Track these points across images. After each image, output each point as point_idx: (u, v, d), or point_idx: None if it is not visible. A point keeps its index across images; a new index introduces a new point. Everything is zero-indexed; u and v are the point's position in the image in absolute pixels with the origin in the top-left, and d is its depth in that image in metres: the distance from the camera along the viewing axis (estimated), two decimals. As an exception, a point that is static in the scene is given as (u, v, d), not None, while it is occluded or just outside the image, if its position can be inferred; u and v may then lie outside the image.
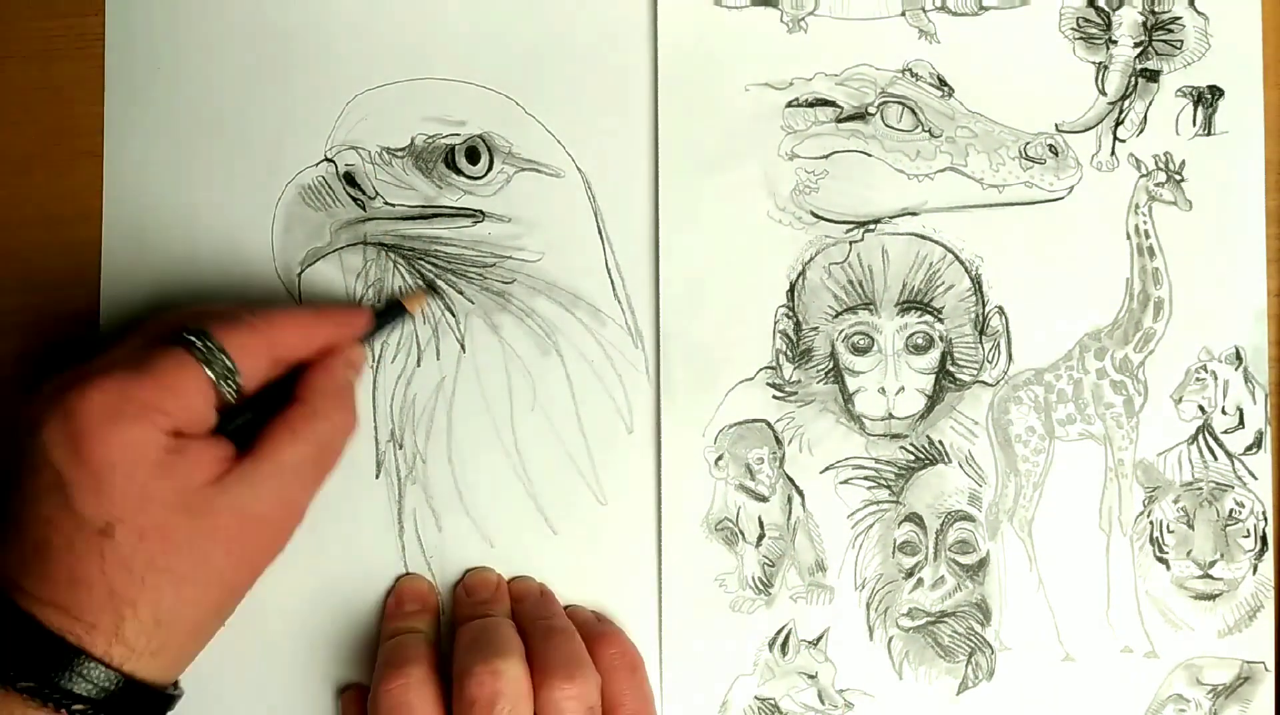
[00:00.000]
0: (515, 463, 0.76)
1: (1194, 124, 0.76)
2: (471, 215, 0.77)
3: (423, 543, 0.76)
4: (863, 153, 0.76)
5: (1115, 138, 0.76)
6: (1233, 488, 0.75)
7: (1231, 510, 0.75)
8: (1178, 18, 0.76)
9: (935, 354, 0.76)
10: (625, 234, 0.77)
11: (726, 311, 0.76)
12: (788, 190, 0.76)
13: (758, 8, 0.77)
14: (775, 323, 0.76)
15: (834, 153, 0.76)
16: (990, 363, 0.76)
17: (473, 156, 0.77)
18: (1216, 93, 0.76)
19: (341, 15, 0.78)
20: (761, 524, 0.76)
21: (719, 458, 0.76)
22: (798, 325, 0.76)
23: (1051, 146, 0.76)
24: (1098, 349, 0.75)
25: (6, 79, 0.79)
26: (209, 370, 0.66)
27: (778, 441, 0.76)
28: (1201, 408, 0.75)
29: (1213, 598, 0.75)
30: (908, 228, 0.76)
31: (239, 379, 0.67)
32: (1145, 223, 0.75)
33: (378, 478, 0.77)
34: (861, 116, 0.77)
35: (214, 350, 0.66)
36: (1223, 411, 0.75)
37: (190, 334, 0.66)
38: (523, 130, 0.77)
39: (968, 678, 0.75)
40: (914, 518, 0.75)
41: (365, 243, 0.77)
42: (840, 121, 0.77)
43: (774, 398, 0.76)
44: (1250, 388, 0.75)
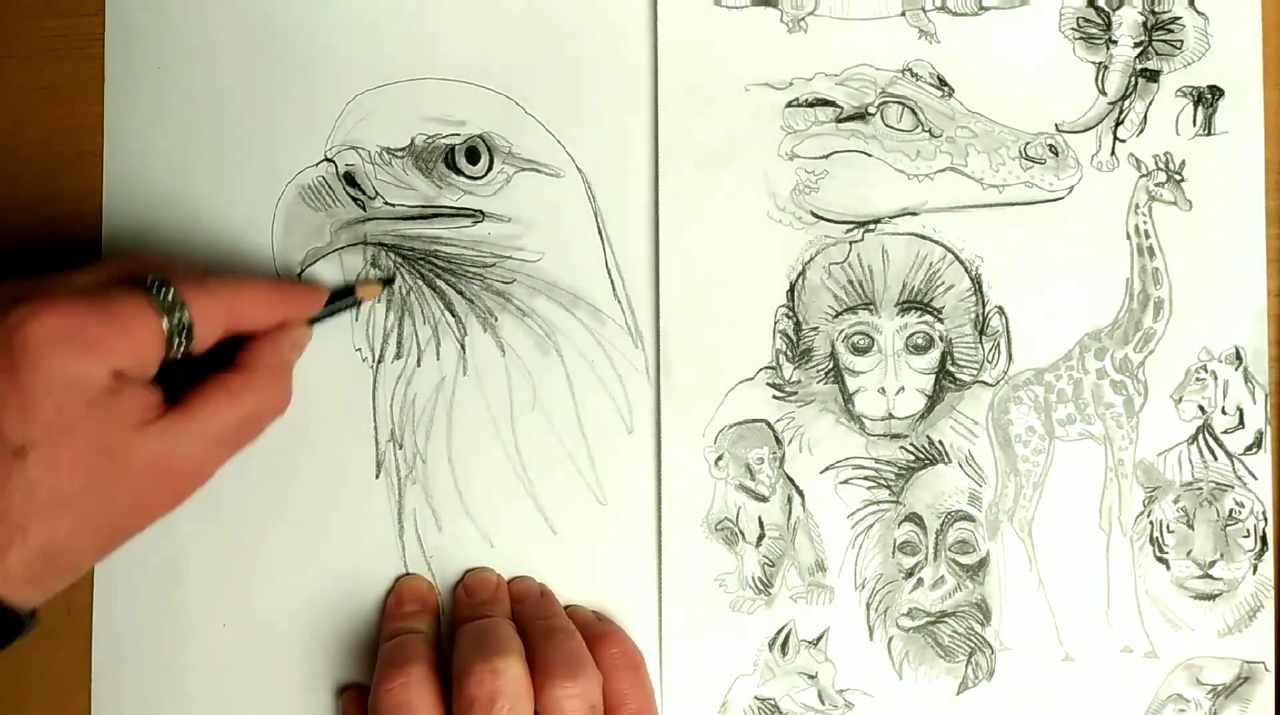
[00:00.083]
0: (515, 463, 0.76)
1: (1194, 124, 0.76)
2: (471, 215, 0.77)
3: (423, 543, 0.76)
4: (863, 153, 0.76)
5: (1115, 138, 0.76)
6: (1233, 488, 0.75)
7: (1231, 510, 0.75)
8: (1178, 18, 0.76)
9: (935, 354, 0.76)
10: (625, 234, 0.77)
11: (726, 311, 0.76)
12: (788, 190, 0.76)
13: (758, 8, 0.77)
14: (775, 323, 0.76)
15: (834, 153, 0.76)
16: (990, 363, 0.76)
17: (473, 156, 0.77)
18: (1216, 93, 0.76)
19: (341, 15, 0.78)
20: (761, 524, 0.76)
21: (719, 458, 0.76)
22: (798, 325, 0.76)
23: (1051, 146, 0.76)
24: (1098, 349, 0.75)
25: (6, 79, 0.79)
26: (166, 321, 0.65)
27: (778, 441, 0.76)
28: (1201, 408, 0.75)
29: (1213, 598, 0.75)
30: (908, 228, 0.76)
31: (192, 338, 0.66)
32: (1145, 223, 0.75)
33: (378, 478, 0.77)
34: (861, 116, 0.77)
35: (176, 305, 0.65)
36: (1223, 411, 0.75)
37: (156, 282, 0.66)
38: (523, 130, 0.77)
39: (968, 678, 0.75)
40: (914, 518, 0.75)
41: (365, 243, 0.77)
42: (840, 121, 0.77)
43: (774, 398, 0.76)
44: (1250, 388, 0.75)
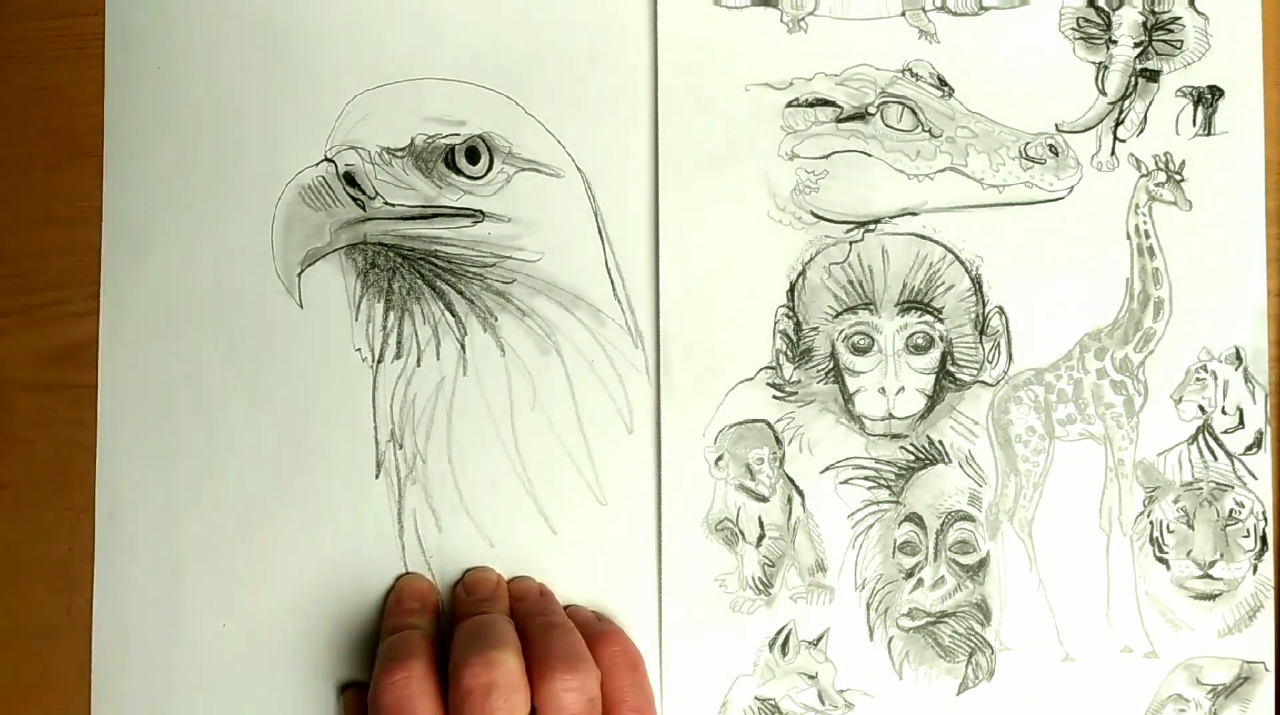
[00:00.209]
0: (515, 463, 0.76)
1: (1194, 124, 0.76)
2: (471, 215, 0.77)
3: (423, 543, 0.76)
4: (863, 153, 0.76)
5: (1115, 138, 0.76)
6: (1233, 488, 0.75)
7: (1231, 510, 0.75)
8: (1178, 18, 0.76)
9: (935, 354, 0.76)
10: (625, 234, 0.77)
11: (726, 311, 0.76)
12: (788, 190, 0.76)
13: (758, 8, 0.77)
14: (775, 323, 0.76)
15: (834, 153, 0.76)
16: (990, 363, 0.76)
17: (473, 156, 0.77)
18: (1216, 93, 0.76)
19: (341, 15, 0.78)
20: (761, 524, 0.76)
21: (719, 458, 0.76)
22: (798, 325, 0.76)
23: (1051, 146, 0.76)
24: (1098, 349, 0.75)
25: (6, 79, 0.79)
26: None
27: (778, 441, 0.76)
28: (1201, 408, 0.75)
29: (1213, 598, 0.75)
30: (908, 228, 0.76)
31: None
32: (1145, 223, 0.75)
33: (378, 478, 0.77)
34: (861, 116, 0.77)
35: None
36: (1223, 411, 0.75)
37: None
38: (523, 130, 0.77)
39: (968, 678, 0.75)
40: (914, 518, 0.75)
41: (365, 243, 0.77)
42: (840, 121, 0.77)
43: (774, 398, 0.76)
44: (1250, 388, 0.75)
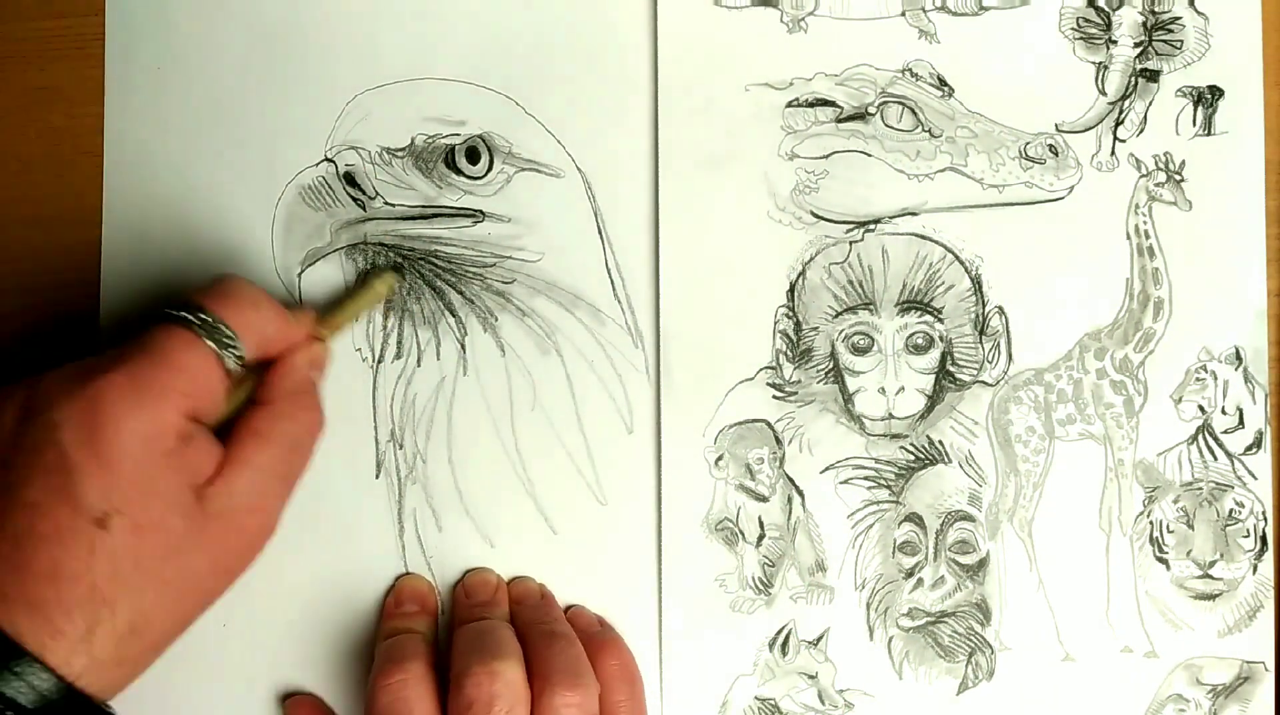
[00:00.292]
0: (515, 463, 0.76)
1: (1194, 124, 0.76)
2: (471, 215, 0.77)
3: (423, 543, 0.76)
4: (863, 153, 0.76)
5: (1115, 138, 0.76)
6: (1233, 488, 0.75)
7: (1231, 510, 0.75)
8: (1178, 18, 0.76)
9: (935, 354, 0.76)
10: (625, 234, 0.77)
11: (726, 311, 0.76)
12: (788, 190, 0.76)
13: (758, 8, 0.77)
14: (775, 323, 0.76)
15: (834, 153, 0.76)
16: (990, 363, 0.76)
17: (473, 156, 0.77)
18: (1216, 93, 0.76)
19: (341, 15, 0.78)
20: (761, 524, 0.76)
21: (719, 458, 0.76)
22: (798, 325, 0.76)
23: (1051, 146, 0.76)
24: (1098, 349, 0.75)
25: (6, 79, 0.79)
26: (210, 341, 0.63)
27: (778, 441, 0.76)
28: (1201, 408, 0.75)
29: (1213, 598, 0.75)
30: (908, 228, 0.76)
31: (240, 349, 0.64)
32: (1145, 223, 0.75)
33: (378, 478, 0.77)
34: (861, 116, 0.77)
35: (211, 322, 0.64)
36: (1223, 411, 0.75)
37: (181, 310, 0.64)
38: (523, 130, 0.77)
39: (968, 678, 0.75)
40: (914, 518, 0.75)
41: (365, 243, 0.77)
42: (840, 121, 0.77)
43: (774, 398, 0.76)
44: (1250, 388, 0.75)
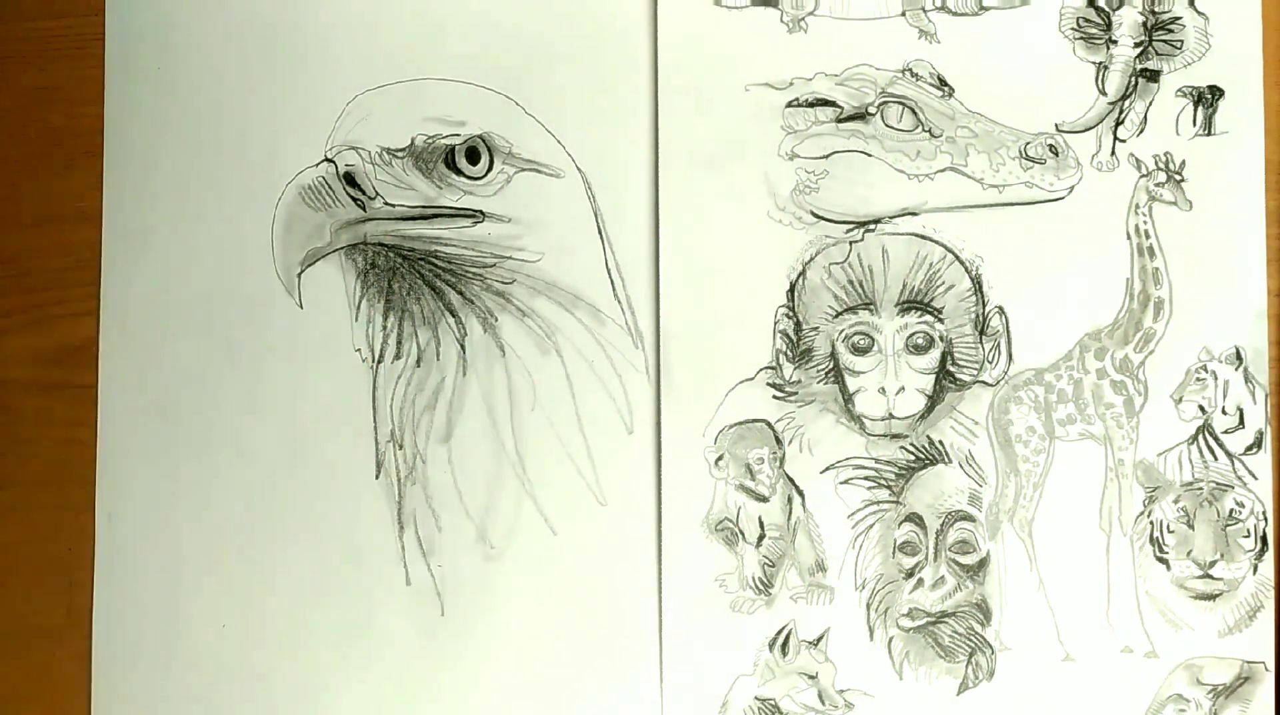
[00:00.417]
0: (515, 463, 0.76)
1: (1194, 124, 0.76)
2: (471, 215, 0.77)
3: (422, 543, 0.76)
4: (863, 153, 0.76)
5: (1115, 138, 0.76)
6: (1233, 488, 0.75)
7: (1231, 510, 0.75)
8: (1178, 18, 0.76)
9: (935, 354, 0.76)
10: (625, 234, 0.76)
11: (726, 311, 0.76)
12: (788, 190, 0.76)
13: (758, 8, 0.77)
14: (775, 323, 0.76)
15: (834, 153, 0.76)
16: (990, 363, 0.76)
17: (473, 157, 0.77)
18: (1216, 93, 0.76)
19: (341, 16, 0.78)
20: (761, 524, 0.76)
21: (719, 458, 0.76)
22: (798, 325, 0.76)
23: (1051, 146, 0.76)
24: (1098, 349, 0.75)
25: (6, 79, 0.79)
26: None
27: (778, 441, 0.76)
28: (1202, 408, 0.75)
29: (1213, 598, 0.75)
30: (908, 228, 0.76)
31: None
32: (1145, 223, 0.75)
33: (378, 478, 0.77)
34: (861, 116, 0.76)
35: None
36: (1223, 411, 0.75)
37: None
38: (523, 130, 0.77)
39: (968, 678, 0.75)
40: (914, 518, 0.75)
41: (365, 243, 0.77)
42: (840, 121, 0.76)
43: (774, 398, 0.76)
44: (1250, 388, 0.75)
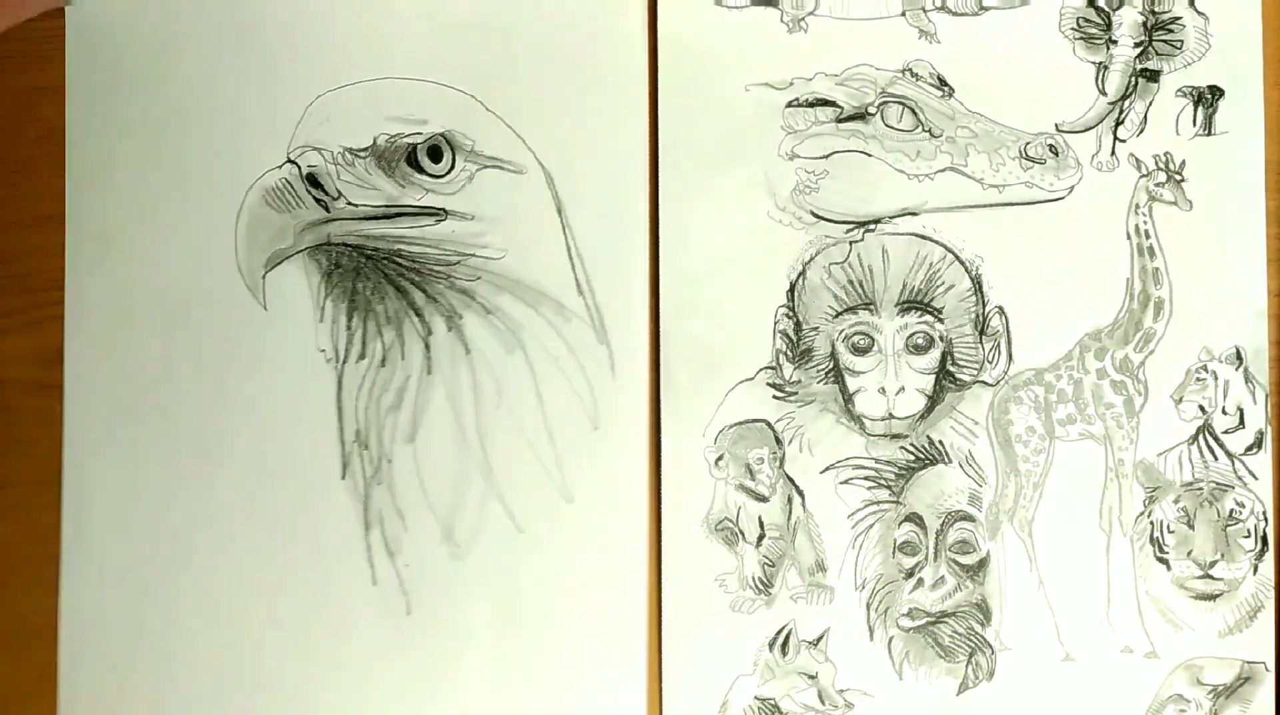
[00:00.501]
0: (481, 462, 0.76)
1: (1194, 124, 0.77)
2: (434, 214, 0.77)
3: (388, 543, 0.76)
4: (863, 153, 0.77)
5: (1115, 138, 0.76)
6: (1233, 488, 0.76)
7: (1232, 510, 0.76)
8: (1178, 18, 0.77)
9: (935, 354, 0.76)
10: (588, 229, 0.77)
11: (726, 311, 0.76)
12: (788, 190, 0.76)
13: (758, 8, 0.77)
14: (775, 323, 0.76)
15: (834, 153, 0.77)
16: (990, 363, 0.76)
17: (435, 155, 0.77)
18: (1216, 93, 0.77)
19: (302, 17, 0.78)
20: (761, 524, 0.76)
21: (719, 458, 0.76)
22: (798, 325, 0.76)
23: (1052, 146, 0.76)
24: (1098, 349, 0.76)
25: (6, 79, 0.78)
26: None
27: (778, 441, 0.76)
28: (1202, 408, 0.76)
29: (1213, 598, 0.76)
30: (908, 228, 0.76)
31: None
32: (1145, 223, 0.76)
33: (343, 479, 0.76)
34: (861, 116, 0.77)
35: None
36: (1223, 411, 0.76)
37: None
38: (485, 127, 0.77)
39: (968, 678, 0.76)
40: (914, 518, 0.76)
41: (329, 243, 0.77)
42: (840, 121, 0.77)
43: (774, 398, 0.76)
44: (1250, 388, 0.76)
